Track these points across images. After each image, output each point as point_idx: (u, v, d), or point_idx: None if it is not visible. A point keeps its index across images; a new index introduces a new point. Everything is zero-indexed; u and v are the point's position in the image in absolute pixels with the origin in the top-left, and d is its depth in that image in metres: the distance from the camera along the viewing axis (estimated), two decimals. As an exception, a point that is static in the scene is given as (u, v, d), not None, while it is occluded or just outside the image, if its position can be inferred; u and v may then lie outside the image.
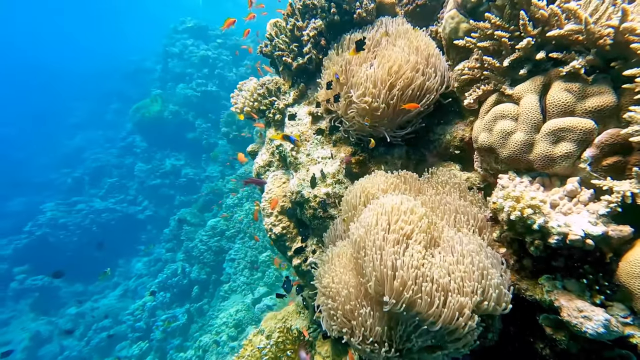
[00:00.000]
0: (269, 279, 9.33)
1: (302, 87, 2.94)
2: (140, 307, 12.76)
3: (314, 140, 2.77)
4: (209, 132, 16.56)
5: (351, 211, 2.17)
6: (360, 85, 2.31)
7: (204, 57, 18.49)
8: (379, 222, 1.73)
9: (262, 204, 3.02)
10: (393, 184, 2.15)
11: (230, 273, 10.34)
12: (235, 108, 3.24)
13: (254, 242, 9.98)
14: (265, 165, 3.13)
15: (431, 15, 2.65)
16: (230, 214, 10.79)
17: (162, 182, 18.30)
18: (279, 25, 2.97)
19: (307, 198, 2.63)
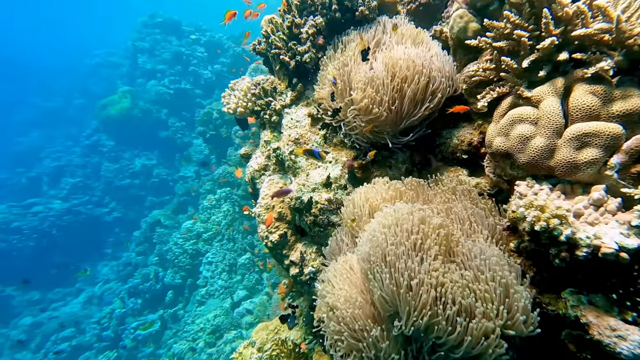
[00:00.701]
0: (249, 282, 9.09)
1: (300, 88, 2.81)
2: (108, 314, 12.11)
3: (313, 143, 2.65)
4: (183, 131, 15.96)
5: (354, 222, 2.07)
6: (360, 89, 2.23)
7: (177, 53, 17.81)
8: (388, 235, 1.64)
9: (256, 209, 2.86)
10: (399, 192, 2.07)
11: (207, 277, 10.00)
12: (228, 108, 3.06)
13: (232, 245, 9.70)
14: (261, 169, 2.98)
15: (434, 15, 2.60)
16: (208, 216, 10.44)
17: (132, 183, 17.49)
18: (275, 22, 2.83)
19: (307, 204, 2.51)
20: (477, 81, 2.05)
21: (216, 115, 11.42)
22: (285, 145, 2.75)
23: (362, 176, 2.52)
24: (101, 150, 18.30)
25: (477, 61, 2.14)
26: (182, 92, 16.69)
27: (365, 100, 2.21)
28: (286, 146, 2.74)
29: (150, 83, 18.11)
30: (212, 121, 11.52)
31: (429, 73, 2.16)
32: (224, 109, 3.12)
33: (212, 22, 24.30)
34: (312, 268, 2.59)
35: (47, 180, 18.52)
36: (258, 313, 8.37)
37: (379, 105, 2.19)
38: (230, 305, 9.00)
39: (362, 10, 2.53)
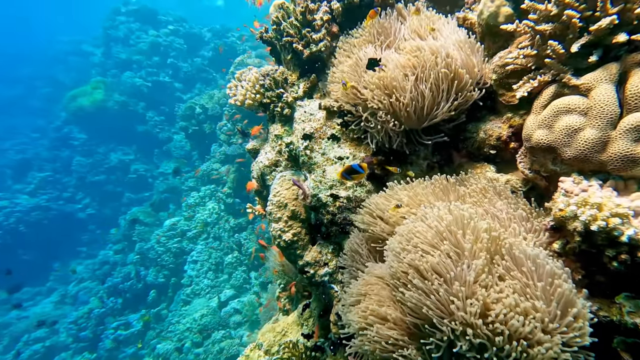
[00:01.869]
0: (236, 280, 8.85)
1: (314, 79, 2.64)
2: (85, 314, 11.53)
3: (329, 138, 2.50)
4: (162, 126, 15.32)
5: (379, 227, 1.93)
6: (378, 85, 2.09)
7: (154, 44, 17.03)
8: (425, 241, 1.51)
9: (268, 208, 2.69)
10: (429, 191, 1.95)
11: (192, 276, 9.67)
12: (235, 100, 2.85)
13: (219, 243, 9.40)
14: (272, 165, 2.79)
15: (455, 1, 2.48)
16: (192, 213, 10.07)
17: (108, 178, 16.70)
18: (285, 8, 2.64)
19: (324, 202, 2.37)
20: (509, 70, 1.96)
21: (199, 110, 11.00)
22: (299, 139, 2.58)
23: (381, 173, 2.40)
24: (72, 144, 17.29)
25: (508, 49, 2.04)
26: (160, 85, 15.99)
27: (380, 100, 2.07)
28: (300, 141, 2.58)
29: (126, 74, 17.27)
30: (195, 116, 11.09)
31: (455, 67, 2.04)
32: (230, 101, 2.90)
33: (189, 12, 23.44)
34: (327, 269, 2.45)
35: (11, 173, 17.37)
36: (246, 313, 8.17)
37: (399, 104, 2.06)
38: (217, 304, 8.74)
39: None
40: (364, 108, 2.24)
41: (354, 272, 2.02)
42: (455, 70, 2.01)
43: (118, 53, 18.35)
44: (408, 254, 1.50)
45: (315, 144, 2.53)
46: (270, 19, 2.79)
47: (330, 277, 2.45)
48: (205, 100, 10.90)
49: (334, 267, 2.44)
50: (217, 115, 10.60)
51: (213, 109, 10.60)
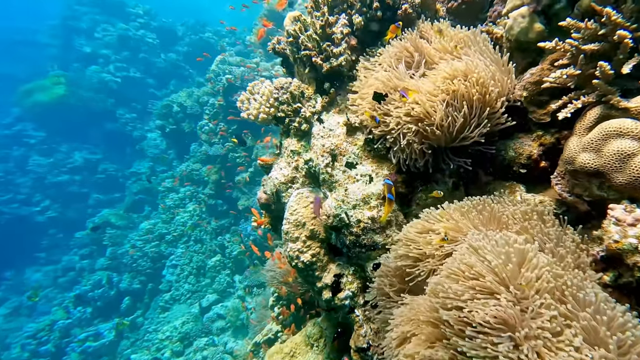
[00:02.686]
0: (220, 285, 8.51)
1: (333, 93, 2.48)
2: (47, 326, 10.68)
3: (350, 154, 2.36)
4: (134, 123, 14.47)
5: (418, 257, 1.80)
6: (408, 101, 1.98)
7: (123, 37, 16.02)
8: (483, 285, 1.37)
9: (284, 226, 2.51)
10: (471, 216, 1.84)
11: (171, 281, 9.20)
12: (248, 114, 2.63)
13: (200, 246, 9.00)
14: (288, 181, 2.61)
15: (477, 14, 2.40)
16: (171, 216, 9.56)
17: (71, 179, 15.58)
18: (303, 21, 2.46)
19: (347, 223, 2.23)
20: (542, 88, 1.90)
21: (177, 108, 10.45)
22: (320, 156, 2.42)
23: (405, 191, 2.29)
24: (27, 142, 15.92)
25: (539, 66, 1.98)
26: (131, 81, 15.09)
27: (414, 114, 1.96)
28: (320, 157, 2.41)
29: (91, 69, 16.14)
30: (173, 115, 10.52)
31: (488, 90, 1.95)
32: (242, 115, 2.68)
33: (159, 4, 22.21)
34: (348, 292, 2.32)
35: (-46, 174, 15.80)
36: (230, 318, 7.87)
37: (428, 124, 1.96)
38: (199, 310, 8.37)
39: (406, 8, 2.26)
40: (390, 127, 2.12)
41: (387, 305, 1.90)
42: (488, 93, 1.93)
43: (81, 46, 17.11)
44: (462, 294, 1.39)
45: (335, 160, 2.38)
46: (285, 30, 2.61)
47: (351, 300, 2.32)
48: (184, 98, 10.38)
49: (356, 290, 2.31)
50: (197, 114, 10.13)
51: (192, 107, 10.12)
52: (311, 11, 2.49)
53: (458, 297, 1.38)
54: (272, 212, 3.20)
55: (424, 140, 2.04)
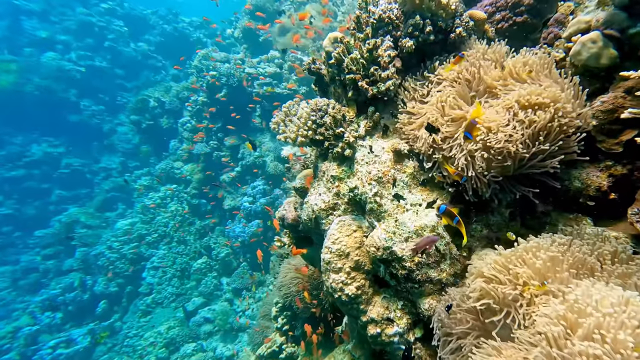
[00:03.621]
0: (206, 287, 8.13)
1: (377, 117, 2.31)
2: (9, 334, 9.74)
3: (399, 182, 2.22)
4: (101, 116, 13.29)
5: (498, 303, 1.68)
6: (475, 127, 1.87)
7: (86, 23, 14.55)
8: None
9: (325, 255, 2.34)
10: (552, 260, 1.70)
11: (153, 283, 8.66)
12: (285, 137, 2.38)
13: (184, 248, 8.52)
14: (329, 208, 2.42)
15: (528, 35, 2.31)
16: (152, 216, 8.94)
17: (29, 173, 14.16)
18: (346, 43, 2.25)
19: (400, 256, 2.10)
20: (614, 117, 1.85)
21: (154, 103, 9.68)
22: (366, 184, 2.26)
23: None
24: (-29, 134, 14.25)
25: (611, 93, 1.92)
26: (97, 71, 13.79)
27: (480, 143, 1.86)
28: (367, 186, 2.25)
29: (48, 55, 14.57)
30: (149, 110, 9.75)
31: (565, 114, 1.85)
32: (279, 137, 2.42)
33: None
34: (397, 328, 2.21)
35: None
36: (219, 322, 7.56)
37: (498, 153, 1.87)
38: (184, 314, 7.96)
39: (459, 32, 2.13)
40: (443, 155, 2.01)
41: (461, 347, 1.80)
42: (564, 120, 1.84)
43: (35, 30, 15.35)
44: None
45: (383, 189, 2.24)
46: (324, 51, 2.39)
47: (400, 337, 2.21)
48: (161, 93, 9.64)
49: (405, 326, 2.20)
50: (177, 110, 9.47)
51: (171, 102, 9.43)
52: (354, 33, 2.30)
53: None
54: (298, 232, 3.01)
55: (482, 167, 1.94)
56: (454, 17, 2.15)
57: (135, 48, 14.18)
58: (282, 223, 3.09)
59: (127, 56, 14.06)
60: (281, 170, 7.47)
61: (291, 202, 3.15)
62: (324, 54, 2.42)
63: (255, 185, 7.59)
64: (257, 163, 7.64)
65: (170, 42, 13.69)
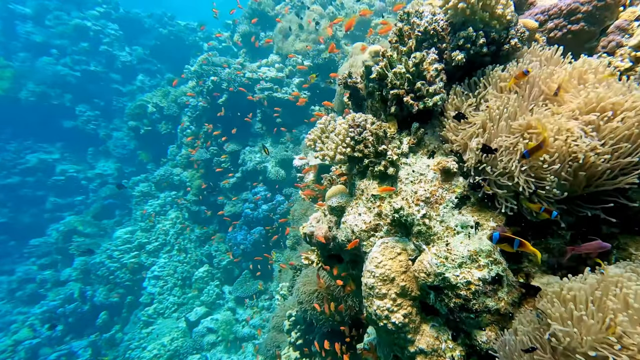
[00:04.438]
0: (208, 297, 7.77)
1: (421, 134, 2.07)
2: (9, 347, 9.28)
3: (448, 203, 1.98)
4: (97, 121, 12.76)
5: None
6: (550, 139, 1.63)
7: (80, 27, 14.00)
8: None
9: (368, 280, 2.09)
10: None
11: (154, 293, 8.26)
12: (323, 155, 2.12)
13: (184, 256, 8.15)
14: (370, 229, 2.16)
15: (582, 44, 2.09)
16: (151, 224, 8.54)
17: (24, 181, 13.60)
18: (389, 57, 2.01)
19: (454, 284, 1.86)
20: None
21: (152, 109, 9.27)
22: (413, 205, 2.01)
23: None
24: (-35, 140, 13.66)
25: None
26: (92, 76, 13.25)
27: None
28: (414, 206, 2.00)
29: (43, 60, 14.03)
30: (147, 115, 9.33)
31: None
32: (316, 155, 2.16)
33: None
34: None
35: None
36: (223, 332, 7.21)
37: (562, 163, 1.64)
38: (187, 324, 7.60)
39: (514, 43, 1.90)
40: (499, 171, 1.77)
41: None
42: None
43: (29, 34, 14.77)
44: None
45: (431, 209, 1.99)
46: (363, 65, 2.14)
47: (451, 370, 1.96)
48: (159, 98, 9.24)
49: (458, 359, 1.96)
50: (175, 116, 9.08)
51: (169, 108, 9.03)
52: (397, 46, 2.05)
53: None
54: (328, 250, 2.75)
55: (542, 184, 1.71)
56: (508, 28, 1.92)
57: (130, 52, 13.68)
58: (308, 240, 2.82)
59: (123, 60, 13.55)
60: (282, 176, 7.19)
61: (317, 219, 2.89)
62: (363, 68, 2.17)
63: (257, 191, 7.28)
64: (259, 169, 7.33)
65: (166, 46, 13.24)
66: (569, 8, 1.96)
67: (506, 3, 1.81)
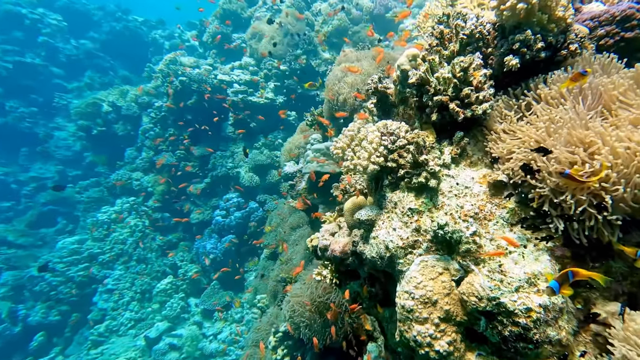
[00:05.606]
0: (172, 311, 6.85)
1: (464, 143, 1.83)
2: None
3: (498, 219, 1.76)
4: (34, 119, 10.80)
5: None
6: None
7: (12, 14, 11.83)
8: None
9: (406, 302, 1.79)
10: None
11: (106, 309, 7.09)
12: (355, 165, 1.77)
13: (144, 267, 7.11)
14: (407, 246, 1.86)
15: (633, 52, 1.98)
16: (106, 232, 7.33)
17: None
18: (430, 61, 1.75)
19: (511, 310, 1.64)
20: None
21: (107, 108, 8.03)
22: (460, 221, 1.76)
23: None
24: None
25: None
26: (28, 68, 11.21)
27: None
28: (462, 223, 1.75)
29: (-37, 47, 11.61)
30: (101, 115, 8.07)
31: None
32: (347, 164, 1.80)
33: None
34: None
35: None
36: (188, 349, 6.39)
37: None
38: (146, 342, 6.60)
39: (574, 49, 1.75)
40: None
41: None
42: None
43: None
44: None
45: (481, 226, 1.76)
46: (399, 69, 1.86)
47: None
48: (115, 96, 8.05)
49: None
50: (135, 116, 7.97)
51: (129, 108, 7.91)
52: (440, 49, 1.80)
53: None
54: (345, 266, 2.40)
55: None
56: (565, 32, 1.77)
57: (77, 45, 11.90)
58: (320, 254, 2.45)
59: (68, 54, 11.73)
60: (257, 182, 6.65)
61: (331, 231, 2.53)
62: (398, 72, 1.89)
63: (230, 197, 6.63)
64: (231, 174, 6.70)
65: (121, 42, 11.75)
66: (623, 14, 1.87)
67: (567, 5, 1.66)
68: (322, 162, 3.28)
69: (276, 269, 4.58)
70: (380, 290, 2.41)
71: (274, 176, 6.39)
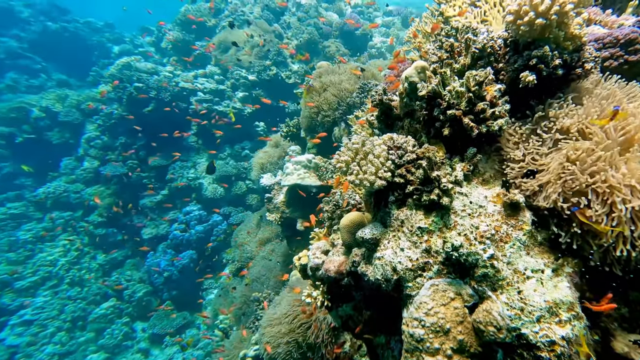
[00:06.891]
0: (112, 338, 5.71)
1: (477, 160, 1.66)
2: None
3: (515, 242, 1.60)
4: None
5: None
6: None
7: None
8: None
9: (416, 331, 1.52)
10: None
11: (18, 345, 5.64)
12: (362, 180, 1.49)
13: (80, 290, 5.87)
14: (417, 268, 1.59)
15: (636, 76, 1.97)
16: (29, 253, 5.94)
17: None
18: (442, 74, 1.58)
19: (532, 342, 1.46)
20: None
21: (39, 113, 6.70)
22: (476, 243, 1.55)
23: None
24: None
25: None
26: None
27: None
28: (478, 245, 1.55)
29: None
30: (30, 121, 6.71)
31: None
32: (351, 179, 1.51)
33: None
34: None
35: None
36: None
37: None
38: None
39: (589, 68, 1.68)
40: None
41: None
42: None
43: None
44: None
45: (497, 249, 1.58)
46: (407, 81, 1.65)
47: None
48: (51, 101, 6.80)
49: None
50: (76, 123, 6.78)
51: (68, 114, 6.72)
52: (451, 62, 1.64)
53: None
54: (339, 287, 2.07)
55: None
56: (579, 50, 1.71)
57: (20, 36, 10.01)
58: (311, 273, 2.10)
59: (-4, 48, 9.81)
60: (221, 193, 6.02)
61: (322, 249, 2.19)
62: (406, 84, 1.69)
63: (190, 210, 5.88)
64: (193, 186, 5.97)
65: (57, 43, 10.16)
66: (627, 38, 1.87)
67: (582, 23, 1.60)
68: (303, 175, 2.97)
69: (242, 287, 4.04)
70: (376, 314, 2.12)
71: (240, 188, 5.84)
